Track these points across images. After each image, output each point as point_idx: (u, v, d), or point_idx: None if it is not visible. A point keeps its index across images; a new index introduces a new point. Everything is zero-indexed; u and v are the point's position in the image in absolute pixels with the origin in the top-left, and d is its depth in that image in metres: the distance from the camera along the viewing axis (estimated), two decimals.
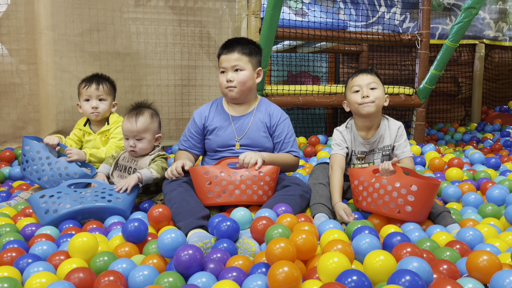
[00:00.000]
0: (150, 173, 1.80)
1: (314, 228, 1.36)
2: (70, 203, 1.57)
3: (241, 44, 1.90)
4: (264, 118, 1.97)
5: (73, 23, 2.77)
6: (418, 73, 3.43)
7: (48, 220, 1.54)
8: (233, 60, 1.87)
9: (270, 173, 1.74)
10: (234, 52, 1.88)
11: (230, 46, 1.90)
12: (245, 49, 1.90)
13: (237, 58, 1.87)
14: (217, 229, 1.40)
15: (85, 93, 2.13)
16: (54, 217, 1.54)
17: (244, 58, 1.88)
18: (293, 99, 3.15)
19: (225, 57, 1.89)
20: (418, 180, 1.55)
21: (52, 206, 1.56)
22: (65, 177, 1.85)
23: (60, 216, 1.54)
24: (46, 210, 1.55)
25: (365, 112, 1.83)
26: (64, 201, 1.58)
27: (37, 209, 1.57)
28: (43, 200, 1.58)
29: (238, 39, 1.94)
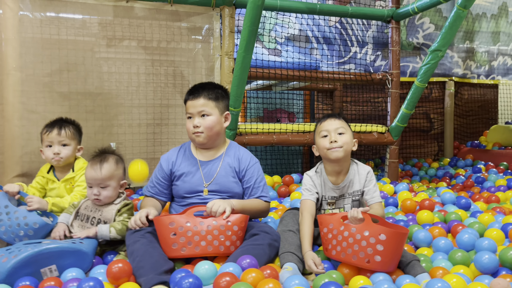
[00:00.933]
0: (108, 232, 1.73)
1: (279, 285, 1.31)
2: (31, 247, 1.48)
3: (207, 89, 1.89)
4: (233, 163, 1.94)
5: (42, 63, 2.73)
6: (390, 112, 3.49)
7: (6, 268, 1.42)
8: (199, 106, 1.86)
9: (239, 222, 1.70)
10: (200, 98, 1.86)
11: (196, 92, 1.89)
12: (211, 94, 1.89)
13: (203, 103, 1.86)
14: (178, 286, 1.33)
15: (47, 139, 2.07)
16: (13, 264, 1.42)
17: (210, 103, 1.87)
18: (267, 137, 3.14)
19: (191, 103, 1.87)
20: (386, 229, 1.53)
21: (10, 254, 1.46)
22: (24, 227, 1.76)
23: (18, 262, 1.43)
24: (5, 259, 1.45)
25: (333, 157, 1.82)
26: (22, 248, 1.49)
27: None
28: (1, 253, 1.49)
29: (204, 84, 1.93)
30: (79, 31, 2.84)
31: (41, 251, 1.48)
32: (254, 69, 3.11)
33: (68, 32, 2.81)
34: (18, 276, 1.45)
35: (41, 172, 2.15)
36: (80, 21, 2.85)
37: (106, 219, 1.84)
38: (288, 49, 3.98)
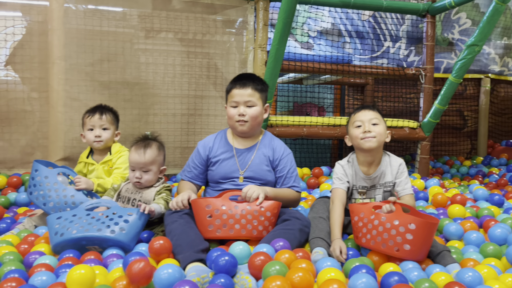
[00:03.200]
0: (160, 209, 1.83)
1: (312, 265, 1.36)
2: (76, 229, 1.59)
3: (254, 81, 1.96)
4: (268, 152, 2.00)
5: (84, 53, 2.87)
6: (422, 107, 3.46)
7: (55, 242, 1.58)
8: (246, 96, 1.92)
9: (271, 209, 1.75)
10: (248, 88, 1.92)
11: (244, 81, 1.94)
12: (258, 85, 1.95)
13: (250, 93, 1.92)
14: (215, 263, 1.40)
15: (89, 123, 2.21)
16: (60, 240, 1.57)
17: (256, 94, 1.93)
18: (298, 130, 3.18)
19: (238, 92, 1.93)
20: (416, 218, 1.55)
21: (61, 229, 1.59)
22: (71, 206, 1.87)
23: (64, 241, 1.57)
24: (56, 232, 1.59)
25: (366, 147, 1.85)
26: (72, 226, 1.60)
27: (50, 229, 1.63)
28: (58, 222, 1.63)
29: (250, 75, 2.00)
30: (119, 23, 2.96)
31: (83, 237, 1.58)
32: (286, 62, 3.15)
33: (109, 24, 2.93)
34: (66, 247, 1.59)
35: (81, 158, 2.30)
36: (121, 13, 2.97)
37: (146, 200, 1.93)
38: (320, 43, 3.99)
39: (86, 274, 1.26)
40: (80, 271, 1.25)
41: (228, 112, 1.96)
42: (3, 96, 2.82)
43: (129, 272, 1.24)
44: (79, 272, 1.25)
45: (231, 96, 1.96)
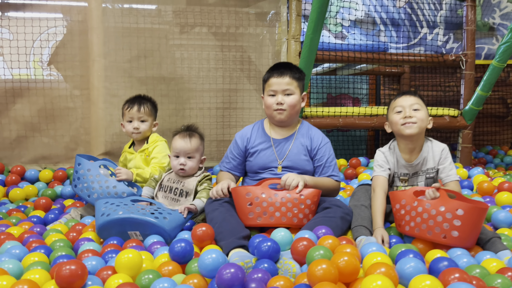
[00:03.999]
0: (203, 203, 1.88)
1: (357, 250, 1.34)
2: (122, 211, 1.65)
3: (291, 69, 1.94)
4: (305, 142, 1.98)
5: (122, 50, 2.94)
6: (463, 94, 3.34)
7: (100, 222, 1.64)
8: (284, 84, 1.91)
9: (312, 196, 1.74)
10: (286, 76, 1.91)
11: (282, 69, 1.93)
12: (296, 74, 1.94)
13: (288, 82, 1.91)
14: (257, 249, 1.41)
15: (128, 115, 2.27)
16: (105, 220, 1.63)
17: (294, 83, 1.92)
18: (333, 120, 3.14)
19: (276, 80, 1.92)
20: (464, 204, 1.50)
21: (108, 211, 1.66)
22: (114, 196, 1.93)
23: (110, 221, 1.63)
24: (102, 213, 1.66)
25: (407, 133, 1.80)
26: (118, 209, 1.67)
27: (98, 211, 1.69)
28: (105, 205, 1.70)
29: (287, 64, 1.99)
30: (154, 20, 3.01)
31: (127, 218, 1.63)
32: (320, 52, 3.12)
33: (145, 21, 3.00)
34: (109, 230, 1.65)
35: (125, 148, 2.37)
36: (155, 10, 3.02)
37: (188, 189, 1.97)
38: (354, 32, 3.92)
39: (134, 258, 1.29)
40: (128, 255, 1.29)
41: (266, 102, 1.96)
42: (48, 94, 2.94)
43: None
44: (127, 256, 1.28)
45: (268, 85, 1.95)
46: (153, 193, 2.04)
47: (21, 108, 2.93)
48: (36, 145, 2.97)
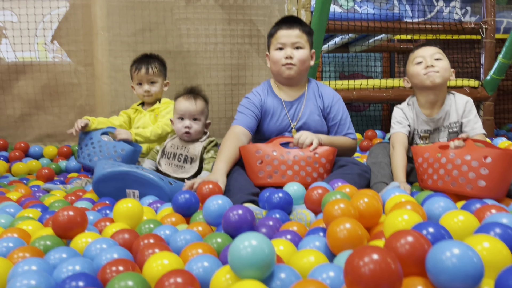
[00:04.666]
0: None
1: (378, 195, 1.21)
2: (121, 167, 1.55)
3: (301, 23, 1.81)
4: (317, 101, 1.85)
5: (127, 23, 2.85)
6: (483, 64, 3.17)
7: (101, 173, 1.53)
8: (294, 36, 1.75)
9: (326, 155, 1.61)
10: (296, 29, 1.76)
11: (291, 21, 1.79)
12: (306, 27, 1.80)
13: (298, 34, 1.76)
14: (268, 201, 1.29)
15: (136, 77, 2.20)
16: (107, 171, 1.52)
17: (304, 37, 1.78)
18: (347, 93, 3.01)
19: (285, 33, 1.76)
20: (492, 150, 1.36)
21: (110, 166, 1.56)
22: (113, 154, 1.88)
23: (111, 173, 1.52)
24: (103, 168, 1.56)
25: (430, 83, 1.66)
26: (121, 165, 1.57)
27: (100, 166, 1.59)
28: (106, 163, 1.60)
29: (296, 17, 1.85)
30: None
31: (132, 172, 1.52)
32: (332, 22, 2.98)
33: None
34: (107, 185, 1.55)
35: (133, 106, 2.29)
36: None
37: (193, 155, 1.86)
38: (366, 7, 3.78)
39: (134, 208, 1.19)
40: (127, 205, 1.19)
41: (273, 56, 1.79)
42: (51, 70, 2.86)
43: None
44: (126, 205, 1.18)
45: (276, 38, 1.79)
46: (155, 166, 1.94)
47: (24, 85, 2.86)
48: (41, 123, 2.90)
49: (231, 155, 1.63)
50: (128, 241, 1.03)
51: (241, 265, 0.73)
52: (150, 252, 0.91)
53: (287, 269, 0.77)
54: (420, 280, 0.68)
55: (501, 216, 0.86)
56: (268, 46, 1.88)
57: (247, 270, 0.72)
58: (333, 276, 0.75)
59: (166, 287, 0.75)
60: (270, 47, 1.84)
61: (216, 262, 0.85)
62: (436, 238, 0.78)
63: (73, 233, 1.07)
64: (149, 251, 0.91)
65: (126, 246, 1.02)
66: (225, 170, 1.57)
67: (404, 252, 0.71)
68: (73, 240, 1.04)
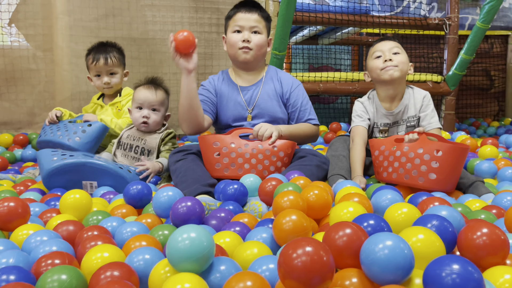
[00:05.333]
0: (167, 164, 1.71)
1: (329, 188, 1.22)
2: (81, 156, 1.50)
3: (260, 8, 1.80)
4: (276, 86, 1.83)
5: (89, 8, 2.75)
6: (446, 60, 3.25)
7: (53, 165, 1.43)
8: (252, 21, 1.74)
9: (285, 148, 1.61)
10: (255, 13, 1.75)
11: (250, 5, 1.77)
12: (264, 13, 1.79)
13: (257, 19, 1.75)
14: (223, 193, 1.28)
15: (94, 69, 2.08)
16: (61, 164, 1.44)
17: (263, 22, 1.77)
18: (313, 86, 3.02)
19: (243, 16, 1.74)
20: (443, 144, 1.40)
21: (63, 157, 1.48)
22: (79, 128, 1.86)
23: (66, 165, 1.44)
24: (54, 159, 1.47)
25: (388, 77, 1.69)
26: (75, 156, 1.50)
27: (46, 157, 1.49)
28: (55, 154, 1.51)
29: (254, 2, 1.83)
30: None
31: (87, 163, 1.47)
32: (300, 13, 2.97)
33: None
34: (60, 179, 1.47)
35: (92, 100, 2.21)
36: None
37: (150, 147, 1.82)
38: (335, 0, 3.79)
39: (81, 199, 1.15)
40: (75, 196, 1.15)
41: (230, 39, 1.77)
42: (8, 55, 2.74)
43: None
44: (73, 196, 1.15)
45: (234, 21, 1.76)
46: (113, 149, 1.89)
47: None
48: None
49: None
50: (73, 233, 1.00)
51: (179, 258, 0.71)
52: (92, 244, 0.89)
53: (227, 261, 0.76)
54: (354, 271, 0.68)
55: (441, 209, 0.88)
56: (225, 28, 1.85)
57: (185, 263, 0.71)
58: (273, 268, 0.75)
59: (101, 280, 0.73)
60: (228, 29, 1.81)
61: (158, 254, 0.83)
62: (376, 230, 0.79)
63: (13, 225, 1.03)
64: (91, 243, 0.89)
65: (70, 239, 0.99)
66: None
67: (341, 244, 0.71)
68: (14, 232, 1.00)
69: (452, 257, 0.61)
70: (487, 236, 0.73)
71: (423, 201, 1.01)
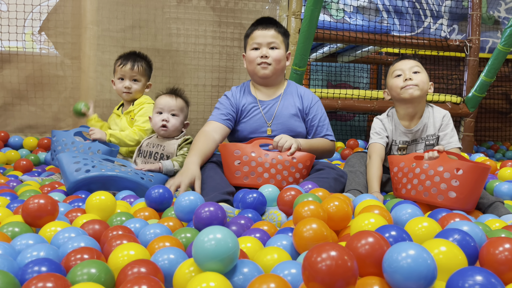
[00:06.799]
0: (172, 166, 1.75)
1: (349, 200, 1.23)
2: (104, 168, 1.52)
3: (276, 23, 1.85)
4: (295, 101, 1.86)
5: (116, 19, 2.85)
6: (466, 81, 3.24)
7: (77, 178, 1.46)
8: (269, 37, 1.80)
9: (304, 160, 1.63)
10: (271, 29, 1.81)
11: (267, 22, 1.83)
12: (281, 28, 1.84)
13: (273, 35, 1.80)
14: (242, 201, 1.31)
15: (120, 72, 2.14)
16: (86, 177, 1.46)
17: (280, 37, 1.82)
18: (332, 102, 3.04)
19: (260, 33, 1.80)
20: (464, 162, 1.40)
21: (85, 166, 1.50)
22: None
23: (91, 177, 1.47)
24: (78, 168, 1.49)
25: (408, 96, 1.70)
26: (98, 165, 1.53)
27: (68, 165, 1.50)
28: (76, 160, 1.53)
29: (271, 18, 1.88)
30: None
31: (111, 176, 1.51)
32: (321, 30, 3.02)
33: None
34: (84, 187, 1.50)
35: (114, 111, 2.26)
36: None
37: (169, 153, 1.86)
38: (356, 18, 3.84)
39: (107, 200, 1.19)
40: (100, 197, 1.18)
41: (249, 56, 1.82)
42: (37, 61, 2.84)
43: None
44: (99, 198, 1.18)
45: (252, 38, 1.82)
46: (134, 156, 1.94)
47: (9, 74, 2.83)
48: (23, 113, 2.87)
49: (202, 150, 1.65)
50: (98, 232, 1.03)
51: (204, 257, 0.74)
52: (117, 243, 0.91)
53: (250, 264, 0.78)
54: (376, 279, 0.69)
55: (462, 224, 0.88)
56: (244, 47, 1.90)
57: (210, 263, 0.73)
58: (294, 273, 0.76)
59: (129, 276, 0.75)
60: (247, 48, 1.86)
61: (182, 255, 0.85)
62: (397, 241, 0.80)
63: (42, 221, 1.07)
64: (117, 242, 0.92)
65: (96, 237, 1.02)
66: (198, 162, 1.58)
67: (363, 252, 0.73)
68: (42, 228, 1.04)
69: (475, 268, 0.62)
70: (509, 251, 0.74)
71: (443, 217, 1.02)
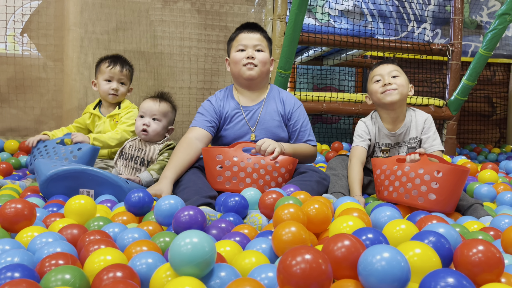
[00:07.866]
0: (150, 177, 1.71)
1: (330, 202, 1.24)
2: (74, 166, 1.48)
3: (261, 29, 1.86)
4: (278, 106, 1.86)
5: (100, 21, 2.82)
6: (449, 85, 3.29)
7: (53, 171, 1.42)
8: (255, 39, 1.80)
9: (286, 165, 1.64)
10: (257, 33, 1.81)
11: (252, 27, 1.84)
12: (265, 33, 1.85)
13: (259, 38, 1.81)
14: (224, 204, 1.30)
15: (108, 73, 2.10)
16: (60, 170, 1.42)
17: (265, 41, 1.83)
18: (317, 105, 3.06)
19: (246, 35, 1.80)
20: (443, 165, 1.42)
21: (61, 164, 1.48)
22: (69, 155, 1.78)
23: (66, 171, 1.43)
24: (55, 165, 1.46)
25: (388, 101, 1.72)
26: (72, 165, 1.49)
27: (44, 166, 1.47)
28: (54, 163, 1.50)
29: (256, 24, 1.89)
30: None
31: (86, 170, 1.47)
32: (306, 34, 3.04)
33: None
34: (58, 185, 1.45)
35: (87, 109, 2.19)
36: None
37: (150, 158, 1.85)
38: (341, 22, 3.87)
39: (86, 205, 1.17)
40: (80, 201, 1.17)
41: (234, 57, 1.80)
42: (19, 63, 2.80)
43: None
44: (78, 202, 1.17)
45: (237, 41, 1.81)
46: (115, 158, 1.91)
47: None
48: (4, 116, 2.82)
49: (181, 162, 1.63)
50: (77, 236, 1.02)
51: (180, 261, 0.73)
52: (95, 247, 0.90)
53: (227, 268, 0.78)
54: (352, 282, 0.70)
55: (438, 226, 0.90)
56: (228, 51, 1.89)
57: (186, 267, 0.73)
58: (271, 276, 0.76)
59: (104, 281, 0.75)
60: (231, 50, 1.85)
61: (160, 259, 0.85)
62: (374, 244, 0.80)
63: (19, 226, 1.05)
64: (94, 246, 0.90)
65: (74, 242, 1.00)
66: (172, 178, 1.57)
67: (339, 255, 0.73)
68: (19, 233, 1.02)
69: (447, 270, 0.63)
70: (482, 253, 0.75)
71: (421, 219, 1.03)
